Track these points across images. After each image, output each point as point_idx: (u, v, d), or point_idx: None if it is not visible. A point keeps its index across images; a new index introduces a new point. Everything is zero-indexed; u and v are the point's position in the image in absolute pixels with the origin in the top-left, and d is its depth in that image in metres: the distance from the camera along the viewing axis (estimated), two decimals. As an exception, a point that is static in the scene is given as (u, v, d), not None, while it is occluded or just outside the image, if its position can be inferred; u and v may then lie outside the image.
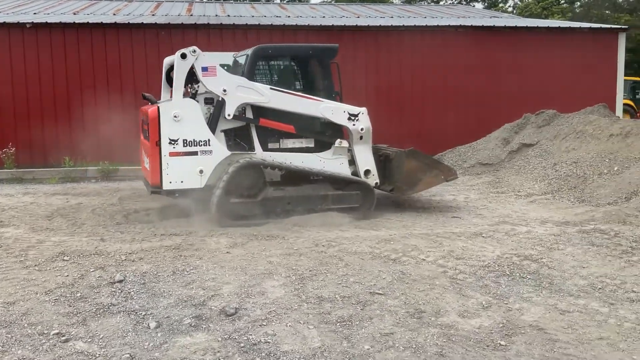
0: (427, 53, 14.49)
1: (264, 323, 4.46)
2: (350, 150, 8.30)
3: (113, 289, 5.15)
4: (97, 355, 3.95)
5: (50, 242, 6.78)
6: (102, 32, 13.68)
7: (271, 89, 7.79)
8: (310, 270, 5.59)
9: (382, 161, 8.65)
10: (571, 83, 14.81)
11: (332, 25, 14.42)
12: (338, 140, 8.17)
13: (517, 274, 5.60)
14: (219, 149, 7.58)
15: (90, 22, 13.92)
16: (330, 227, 7.43)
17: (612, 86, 15.26)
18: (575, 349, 4.14)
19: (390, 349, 4.08)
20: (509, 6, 52.01)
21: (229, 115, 7.59)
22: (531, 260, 5.99)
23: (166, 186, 7.39)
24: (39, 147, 13.35)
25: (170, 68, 8.19)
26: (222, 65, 8.18)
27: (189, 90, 7.91)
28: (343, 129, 8.30)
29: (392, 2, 46.55)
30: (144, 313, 4.63)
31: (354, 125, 8.12)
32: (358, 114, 8.15)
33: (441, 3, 50.14)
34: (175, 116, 7.32)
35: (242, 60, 8.43)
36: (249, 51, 8.15)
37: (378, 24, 14.78)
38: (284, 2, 48.77)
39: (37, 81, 13.41)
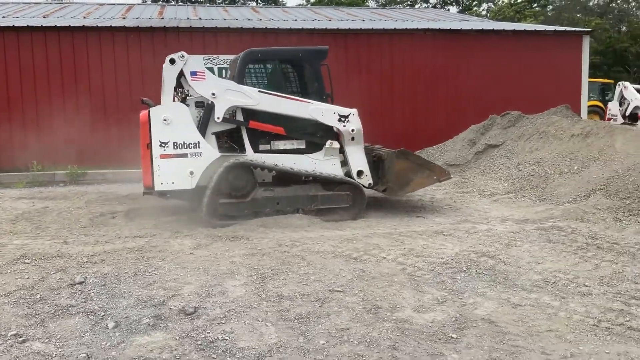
0: (396, 56, 14.70)
1: (223, 321, 4.52)
2: (342, 151, 8.39)
3: (73, 291, 5.15)
4: (54, 355, 3.97)
5: (12, 245, 6.74)
6: (70, 35, 13.59)
7: (260, 91, 7.89)
8: (272, 270, 5.66)
9: (375, 162, 8.70)
10: (538, 85, 15.14)
11: (302, 28, 14.54)
12: (329, 141, 8.23)
13: (474, 270, 5.75)
14: (209, 150, 7.71)
15: (57, 25, 13.82)
16: (297, 227, 7.51)
17: (577, 87, 15.64)
18: (524, 340, 4.28)
19: (344, 343, 4.17)
20: (483, 9, 52.90)
21: (218, 118, 7.74)
22: (488, 257, 6.15)
23: (158, 187, 7.54)
24: (6, 151, 13.21)
25: None
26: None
27: (179, 94, 8.02)
28: (335, 130, 8.33)
29: (368, 6, 47.01)
30: (102, 313, 4.65)
31: (344, 126, 8.20)
32: (348, 115, 8.22)
33: (416, 7, 50.79)
34: (165, 119, 7.47)
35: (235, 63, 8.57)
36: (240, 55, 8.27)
37: (347, 27, 14.94)
38: (260, 5, 48.94)
39: (5, 85, 13.27)
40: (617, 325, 4.55)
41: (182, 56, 7.59)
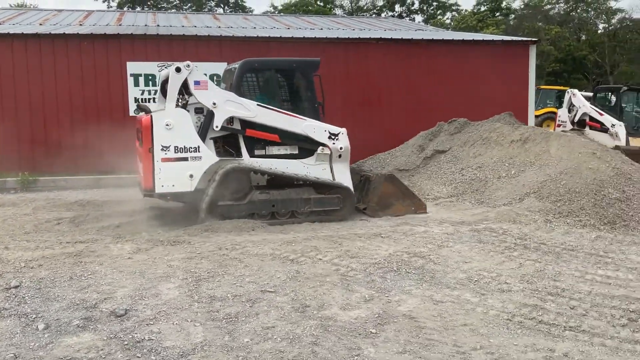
0: (350, 64, 14.97)
1: (152, 322, 4.65)
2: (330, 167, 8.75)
3: (7, 295, 5.21)
4: (-20, 357, 4.05)
5: (-48, 252, 6.72)
6: (23, 42, 13.48)
7: (258, 105, 8.24)
8: (208, 272, 5.81)
9: (363, 182, 9.29)
10: (488, 93, 15.58)
11: (257, 36, 14.71)
12: (320, 147, 8.58)
13: (404, 270, 6.01)
14: (208, 155, 8.05)
15: (10, 32, 13.70)
16: (241, 231, 7.67)
17: (524, 95, 16.18)
18: (439, 334, 4.54)
19: (268, 340, 4.36)
20: (447, 18, 54.02)
21: (217, 127, 8.09)
22: (419, 257, 6.42)
23: (158, 190, 7.85)
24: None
25: (165, 80, 8.65)
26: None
27: (180, 100, 8.31)
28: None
29: (335, 14, 47.56)
30: (34, 316, 4.74)
31: (334, 144, 8.59)
32: (338, 133, 8.64)
33: (382, 15, 51.59)
34: (167, 124, 7.81)
35: (234, 71, 8.87)
36: (238, 64, 8.62)
37: (302, 36, 15.17)
38: (227, 12, 48.95)
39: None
40: (530, 319, 4.86)
41: (188, 65, 7.94)
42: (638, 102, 19.82)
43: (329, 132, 8.59)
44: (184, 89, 8.13)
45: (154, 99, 13.85)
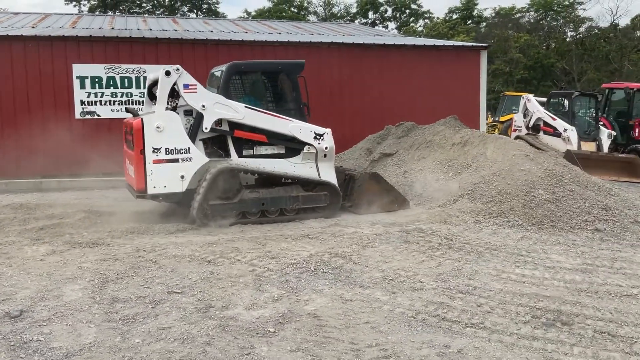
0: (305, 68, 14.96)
1: (45, 323, 4.52)
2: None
3: None
4: None
5: None
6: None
7: (246, 107, 8.42)
8: (117, 274, 5.69)
9: (347, 181, 9.50)
10: (439, 97, 15.75)
11: (207, 39, 14.62)
12: (306, 146, 8.78)
13: (321, 270, 5.96)
14: (198, 156, 8.22)
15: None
16: (167, 234, 7.56)
17: (476, 99, 16.39)
18: (339, 332, 4.50)
19: (160, 341, 4.26)
20: (420, 26, 54.58)
21: (206, 128, 8.28)
22: (340, 257, 6.39)
23: (150, 191, 7.99)
24: None
25: (152, 84, 8.93)
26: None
27: (169, 103, 8.39)
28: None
29: (309, 20, 47.71)
30: None
31: (319, 144, 8.80)
32: (323, 134, 8.86)
33: (356, 22, 51.90)
34: (158, 127, 7.96)
35: (217, 74, 9.03)
36: (224, 67, 8.73)
37: (252, 39, 15.13)
38: (200, 16, 48.66)
39: None
40: (433, 317, 4.85)
41: (177, 69, 8.13)
42: (590, 107, 20.22)
43: (315, 133, 8.82)
44: (172, 92, 8.25)
45: (100, 101, 13.68)
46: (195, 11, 53.09)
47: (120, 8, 49.75)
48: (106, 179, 12.80)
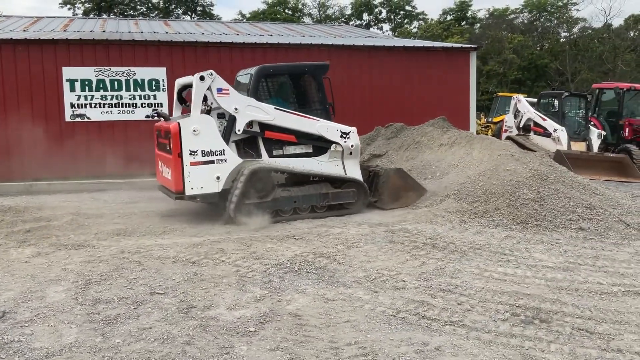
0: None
1: (27, 324, 4.55)
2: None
3: None
4: None
5: None
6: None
7: (276, 108, 8.75)
8: (101, 276, 5.71)
9: (372, 177, 9.74)
10: (430, 98, 15.81)
11: (196, 41, 14.64)
12: (333, 145, 9.08)
13: (304, 270, 6.00)
14: (232, 157, 8.53)
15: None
16: (153, 235, 7.59)
17: (466, 100, 16.46)
18: (319, 331, 4.54)
19: (140, 341, 4.29)
20: (414, 27, 54.69)
21: (239, 130, 8.58)
22: (324, 257, 6.43)
23: (188, 192, 8.28)
24: None
25: (182, 88, 9.35)
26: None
27: (204, 106, 8.66)
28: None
29: (304, 22, 47.75)
30: None
31: (345, 142, 9.12)
32: (349, 132, 9.19)
33: (350, 23, 51.97)
34: (194, 130, 8.23)
35: (243, 79, 9.35)
36: (252, 70, 9.05)
37: (242, 41, 15.17)
38: (194, 18, 48.70)
39: None
40: (414, 315, 4.90)
41: (211, 74, 8.40)
42: (580, 107, 20.35)
43: (341, 131, 9.13)
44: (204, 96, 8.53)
45: (90, 104, 13.68)
46: (189, 13, 53.11)
47: (115, 11, 49.73)
48: (96, 182, 12.81)
